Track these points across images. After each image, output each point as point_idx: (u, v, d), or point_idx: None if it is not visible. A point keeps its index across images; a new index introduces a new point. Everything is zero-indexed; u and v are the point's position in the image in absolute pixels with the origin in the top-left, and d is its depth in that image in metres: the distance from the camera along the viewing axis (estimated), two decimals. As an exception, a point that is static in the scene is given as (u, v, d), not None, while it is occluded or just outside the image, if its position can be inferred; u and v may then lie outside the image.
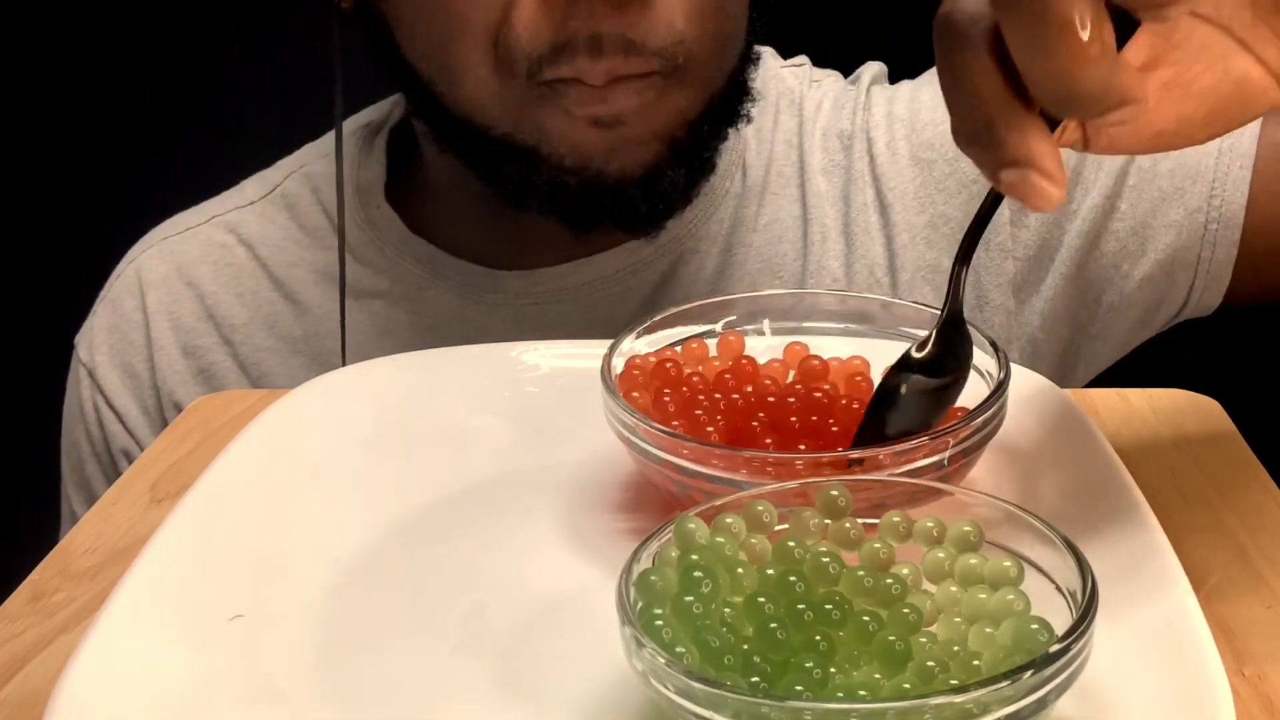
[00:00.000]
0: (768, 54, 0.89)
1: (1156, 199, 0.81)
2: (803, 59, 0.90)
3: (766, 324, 0.60)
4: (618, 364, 0.56)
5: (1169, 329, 0.86)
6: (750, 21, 0.78)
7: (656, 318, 0.58)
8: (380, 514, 0.54)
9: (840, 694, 0.39)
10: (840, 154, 0.85)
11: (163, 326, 0.87)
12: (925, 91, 0.86)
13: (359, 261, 0.85)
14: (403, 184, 0.87)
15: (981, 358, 0.55)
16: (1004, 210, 0.82)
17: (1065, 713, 0.40)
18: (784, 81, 0.88)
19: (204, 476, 0.55)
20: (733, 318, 0.59)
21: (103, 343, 0.88)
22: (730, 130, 0.80)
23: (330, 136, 0.88)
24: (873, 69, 0.89)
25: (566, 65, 0.71)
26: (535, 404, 0.62)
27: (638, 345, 0.58)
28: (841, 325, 0.59)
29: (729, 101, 0.78)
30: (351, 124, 0.89)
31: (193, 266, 0.88)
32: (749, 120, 0.82)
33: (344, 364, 0.81)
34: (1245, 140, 0.79)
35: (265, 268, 0.88)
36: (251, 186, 0.92)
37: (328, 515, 0.54)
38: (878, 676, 0.40)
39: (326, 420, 0.60)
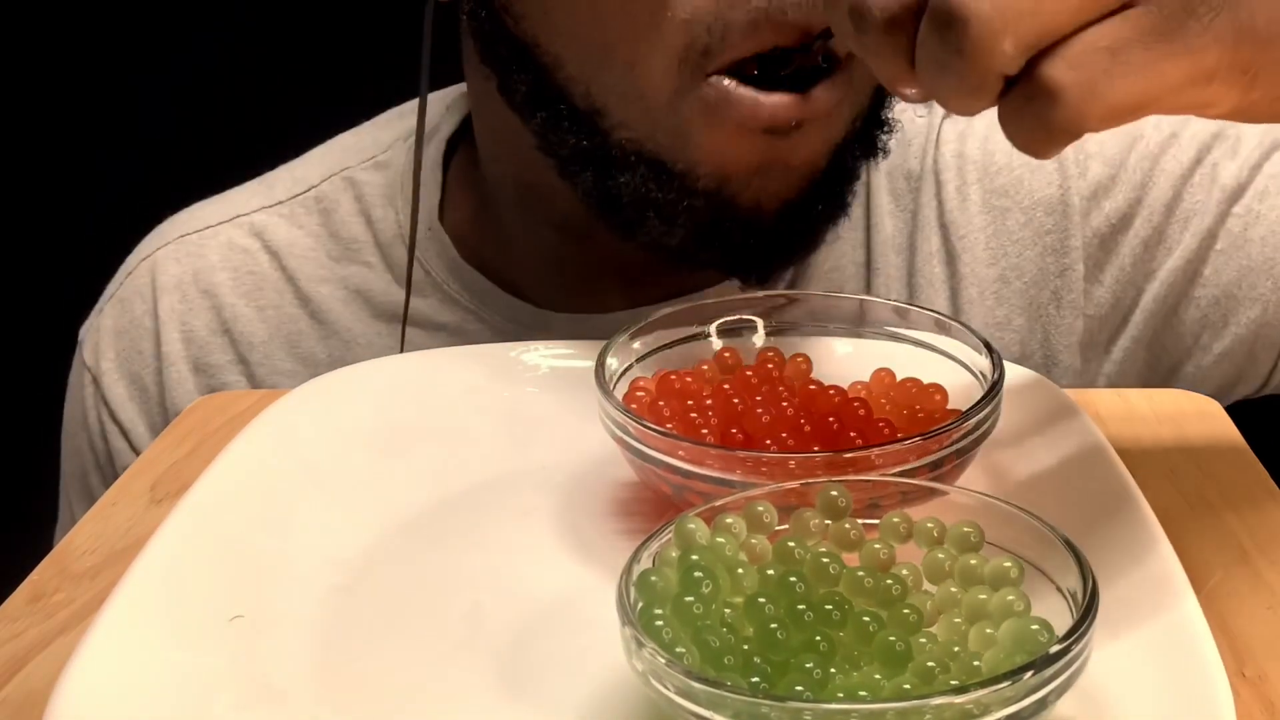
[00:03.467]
0: None
1: (1245, 268, 0.74)
2: None
3: (760, 326, 0.60)
4: (612, 364, 0.56)
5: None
6: None
7: (651, 319, 0.58)
8: (380, 514, 0.54)
9: (840, 694, 0.39)
10: (908, 196, 0.77)
11: (174, 338, 0.81)
12: (1000, 131, 0.80)
13: (399, 283, 0.78)
14: (454, 203, 0.80)
15: (975, 358, 0.55)
16: (1079, 265, 0.76)
17: (1065, 713, 0.40)
18: None
19: (204, 476, 0.55)
20: (725, 319, 0.59)
21: (109, 347, 0.83)
22: (868, 163, 0.72)
23: (369, 133, 0.82)
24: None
25: (769, 36, 0.62)
26: (535, 404, 0.62)
27: (633, 345, 0.58)
28: (837, 326, 0.60)
29: (869, 128, 0.70)
30: (391, 130, 0.82)
31: (210, 273, 0.82)
32: (886, 154, 0.73)
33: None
34: None
35: (291, 280, 0.81)
36: (281, 184, 0.84)
37: (327, 515, 0.54)
38: (878, 677, 0.40)
39: (326, 420, 0.60)
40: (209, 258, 0.82)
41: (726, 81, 0.63)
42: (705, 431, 0.53)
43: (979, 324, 0.76)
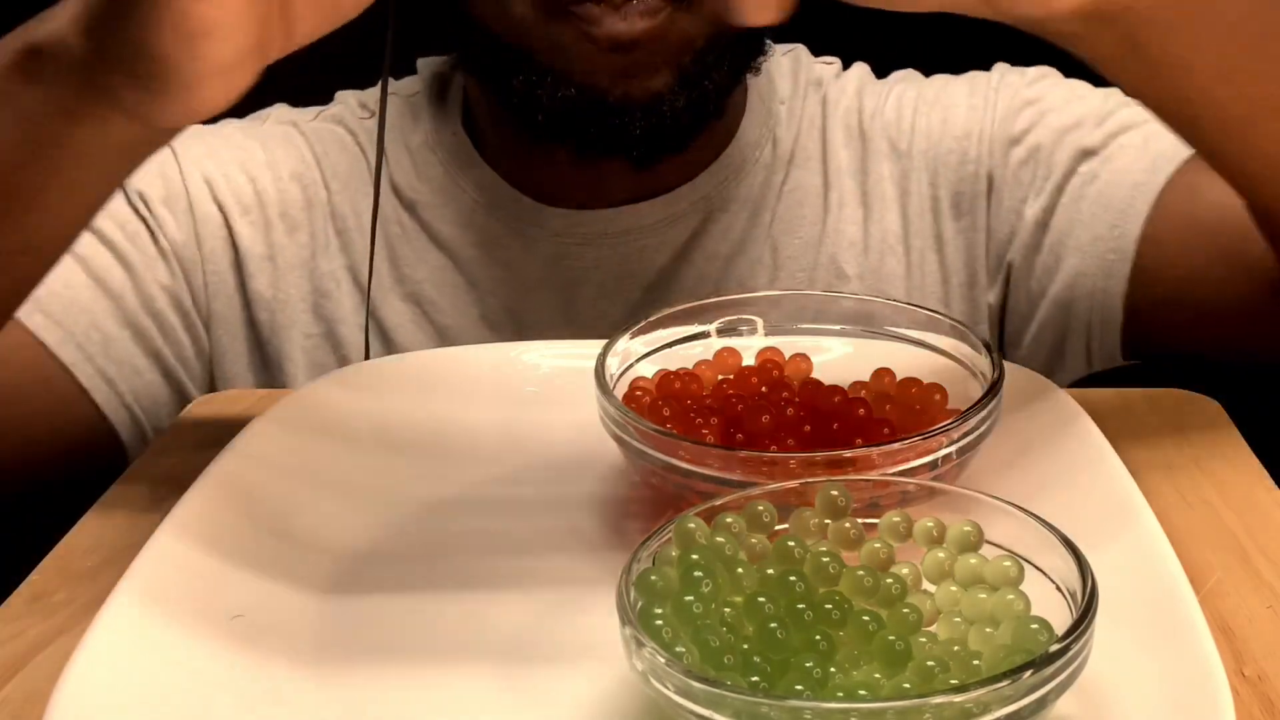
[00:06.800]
0: (801, 50, 0.93)
1: (1075, 219, 0.83)
2: (834, 59, 0.95)
3: (760, 326, 0.60)
4: (612, 364, 0.56)
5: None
6: None
7: (651, 318, 0.59)
8: (380, 514, 0.55)
9: (840, 693, 0.39)
10: (857, 131, 0.89)
11: (196, 174, 0.86)
12: (955, 88, 0.90)
13: (420, 179, 0.88)
14: (479, 115, 0.89)
15: (975, 358, 0.55)
16: (984, 194, 0.87)
17: (1065, 712, 0.40)
18: (813, 70, 0.92)
19: (204, 476, 0.55)
20: (727, 318, 0.59)
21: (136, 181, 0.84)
22: (742, 77, 0.84)
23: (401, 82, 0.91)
24: (905, 73, 0.93)
25: None
26: (535, 404, 0.62)
27: (633, 345, 0.58)
28: (837, 326, 0.60)
29: (739, 46, 0.82)
30: (425, 71, 0.92)
31: (235, 147, 0.87)
32: (757, 72, 0.86)
33: (370, 261, 0.83)
34: (1159, 177, 0.81)
35: (319, 163, 0.88)
36: (311, 110, 0.92)
37: (328, 515, 0.54)
38: (878, 676, 0.40)
39: (327, 420, 0.60)
40: (234, 137, 0.88)
41: (579, 9, 0.76)
42: (705, 431, 0.53)
43: (923, 237, 0.87)
